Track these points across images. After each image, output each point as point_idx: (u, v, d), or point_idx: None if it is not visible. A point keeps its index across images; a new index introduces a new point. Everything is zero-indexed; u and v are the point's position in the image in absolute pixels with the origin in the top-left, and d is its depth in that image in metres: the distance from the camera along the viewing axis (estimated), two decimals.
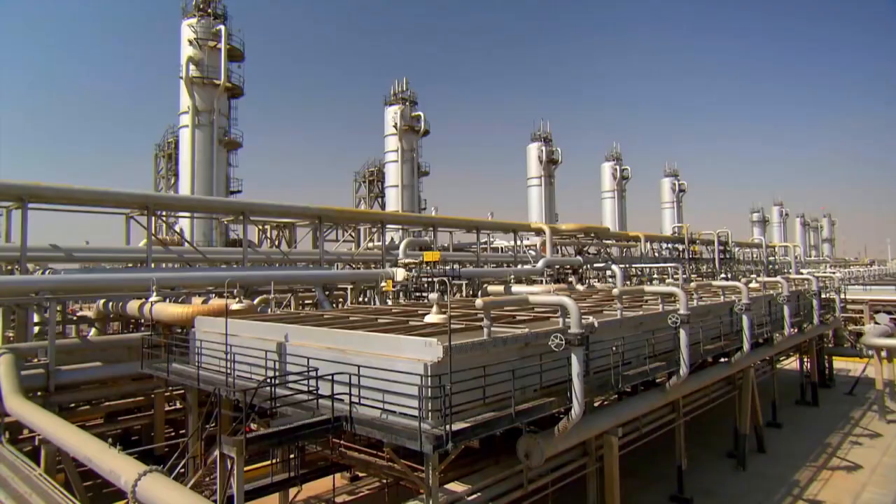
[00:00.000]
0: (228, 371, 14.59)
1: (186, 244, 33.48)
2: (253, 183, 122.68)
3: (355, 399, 11.82)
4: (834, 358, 39.71)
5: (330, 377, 12.16)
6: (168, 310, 20.86)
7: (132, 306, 23.14)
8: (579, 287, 46.92)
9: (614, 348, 14.83)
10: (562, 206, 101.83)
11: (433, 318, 11.18)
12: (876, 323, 34.30)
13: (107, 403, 22.31)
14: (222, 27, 46.01)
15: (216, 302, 22.10)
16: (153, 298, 20.55)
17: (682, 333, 17.13)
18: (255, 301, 32.77)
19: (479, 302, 12.44)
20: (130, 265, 30.98)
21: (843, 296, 43.47)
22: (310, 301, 37.85)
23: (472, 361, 11.88)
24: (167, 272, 25.82)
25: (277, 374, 14.34)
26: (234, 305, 17.02)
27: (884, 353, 32.20)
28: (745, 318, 21.76)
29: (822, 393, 35.05)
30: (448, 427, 10.34)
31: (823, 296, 36.29)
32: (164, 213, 31.31)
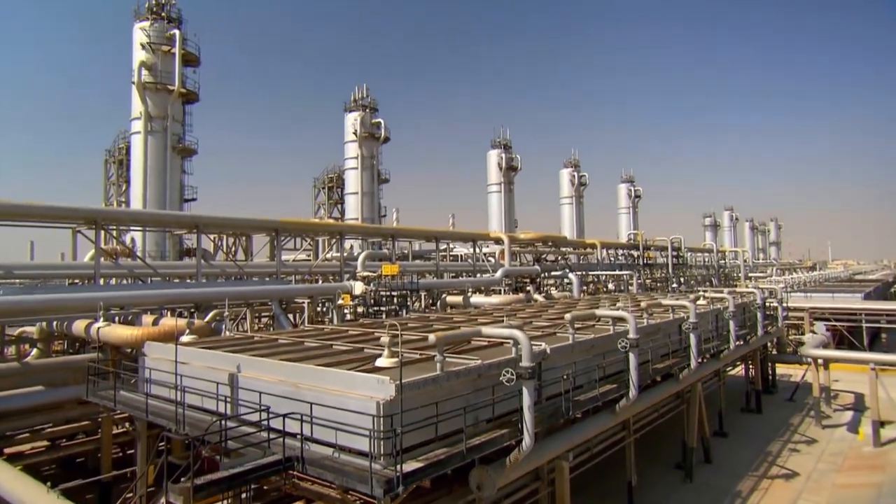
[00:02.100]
0: (178, 401, 14.32)
1: (137, 259, 32.51)
2: (209, 190, 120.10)
3: (307, 435, 11.82)
4: (777, 364, 41.52)
5: (282, 416, 12.09)
6: (116, 332, 20.27)
7: (78, 326, 22.37)
8: (537, 296, 47.76)
9: (565, 376, 15.21)
10: (521, 212, 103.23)
11: (384, 361, 11.24)
12: (814, 333, 36.03)
13: (50, 430, 21.50)
14: (177, 32, 44.82)
15: (167, 323, 21.60)
16: (100, 324, 19.93)
17: (632, 357, 17.67)
18: (209, 316, 32.27)
19: (431, 338, 12.59)
20: (77, 281, 29.89)
21: (785, 303, 45.53)
22: (267, 314, 37.31)
23: (425, 398, 12.01)
24: (116, 290, 25.05)
25: (230, 407, 14.17)
26: (185, 338, 16.62)
27: (820, 362, 33.92)
28: (692, 336, 22.60)
29: (765, 399, 36.61)
30: (399, 468, 10.45)
31: (768, 304, 37.97)
32: (113, 227, 30.28)
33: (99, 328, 19.90)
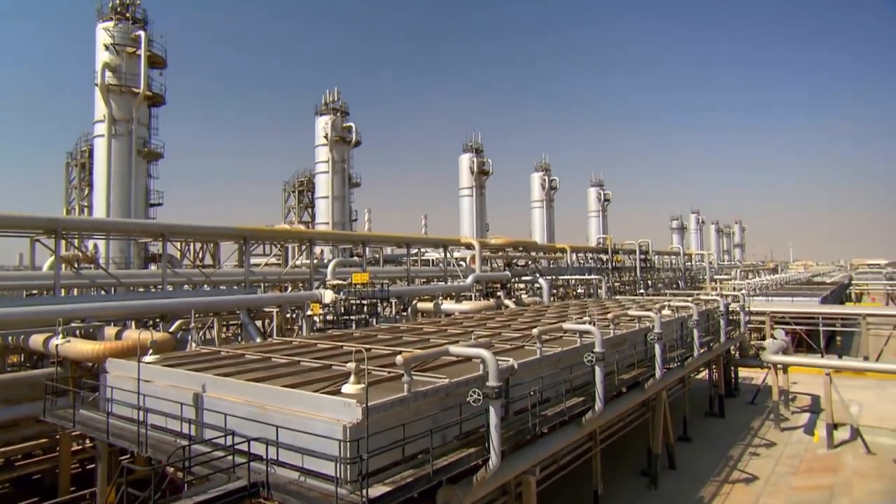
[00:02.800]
0: (141, 421, 14.08)
1: (100, 268, 31.69)
2: (177, 194, 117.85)
3: (273, 458, 11.76)
4: (739, 368, 42.68)
5: (247, 440, 12.00)
6: (76, 347, 19.76)
7: (36, 340, 21.72)
8: (508, 302, 48.14)
9: (532, 392, 15.43)
10: (493, 215, 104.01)
11: (350, 388, 11.23)
12: (774, 338, 37.18)
13: (4, 449, 20.81)
14: (142, 33, 43.86)
15: (131, 336, 21.14)
16: (58, 340, 19.41)
17: (598, 370, 18.02)
18: (175, 326, 31.64)
19: (399, 359, 12.62)
20: (35, 292, 28.99)
21: (748, 307, 46.90)
22: (235, 322, 36.77)
23: (392, 419, 12.05)
24: (76, 302, 24.36)
25: (195, 429, 13.99)
26: (148, 358, 16.27)
27: (779, 366, 35.02)
28: (657, 346, 23.13)
29: (728, 403, 37.60)
30: (365, 493, 10.48)
31: (731, 310, 39.06)
32: (75, 236, 29.47)
33: (58, 344, 19.37)
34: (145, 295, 29.06)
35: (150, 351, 16.19)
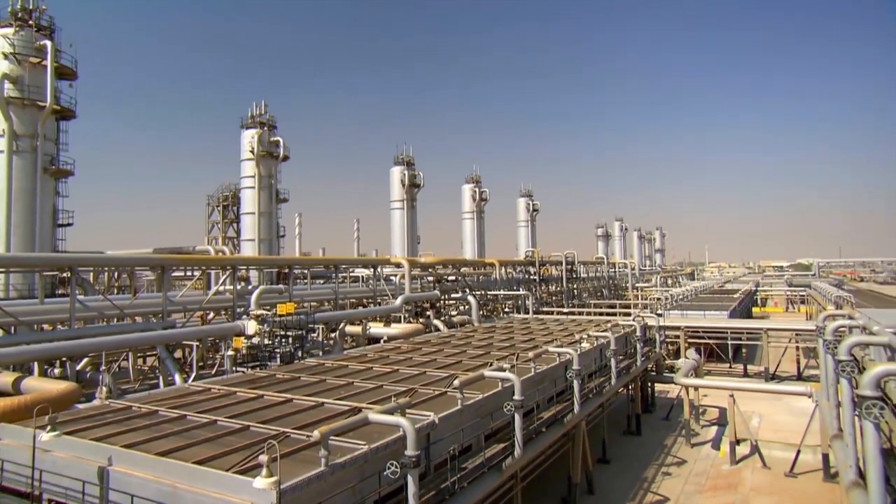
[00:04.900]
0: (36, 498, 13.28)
1: None
2: (91, 212, 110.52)
3: None
4: (655, 383, 45.06)
5: None
6: None
7: None
8: (438, 323, 48.62)
9: (452, 450, 15.76)
10: (425, 227, 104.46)
11: (260, 483, 11.06)
12: (686, 357, 39.55)
13: None
14: (48, 42, 41.16)
15: (29, 386, 19.83)
16: None
17: (517, 417, 18.64)
18: (83, 363, 29.89)
19: (316, 434, 12.59)
20: None
21: (664, 321, 49.67)
22: (152, 354, 35.18)
23: (310, 496, 12.02)
24: None
25: None
26: (45, 436, 15.24)
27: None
28: (575, 382, 24.12)
29: (644, 419, 39.63)
30: None
31: (648, 331, 41.24)
32: None
33: None
34: (49, 334, 27.18)
35: (48, 427, 15.18)
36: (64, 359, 27.30)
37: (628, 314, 71.33)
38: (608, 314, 66.66)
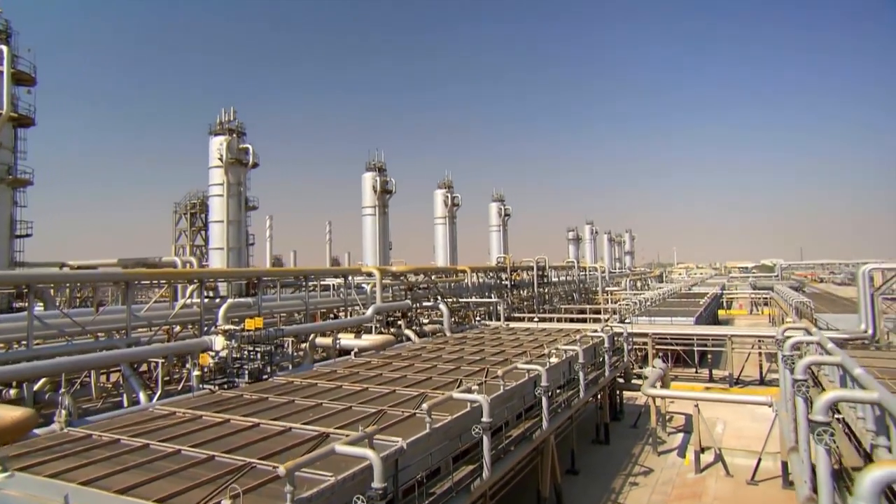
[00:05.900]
0: None
1: None
2: (55, 221, 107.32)
3: None
4: (623, 391, 45.81)
5: None
6: None
7: None
8: (409, 333, 48.55)
9: (420, 476, 15.81)
10: (397, 233, 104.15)
11: None
12: (653, 367, 40.34)
13: None
14: (4, 47, 39.88)
15: None
16: None
17: (486, 440, 18.80)
18: (39, 384, 29.06)
19: (281, 470, 12.50)
20: None
21: (632, 328, 50.53)
22: (116, 371, 34.34)
23: None
24: None
25: None
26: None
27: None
28: (544, 399, 24.42)
29: (612, 427, 40.24)
30: None
31: (616, 341, 41.93)
32: None
33: None
34: (5, 355, 26.30)
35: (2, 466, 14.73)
36: (20, 383, 26.51)
37: (598, 319, 72.55)
38: (578, 320, 67.57)
